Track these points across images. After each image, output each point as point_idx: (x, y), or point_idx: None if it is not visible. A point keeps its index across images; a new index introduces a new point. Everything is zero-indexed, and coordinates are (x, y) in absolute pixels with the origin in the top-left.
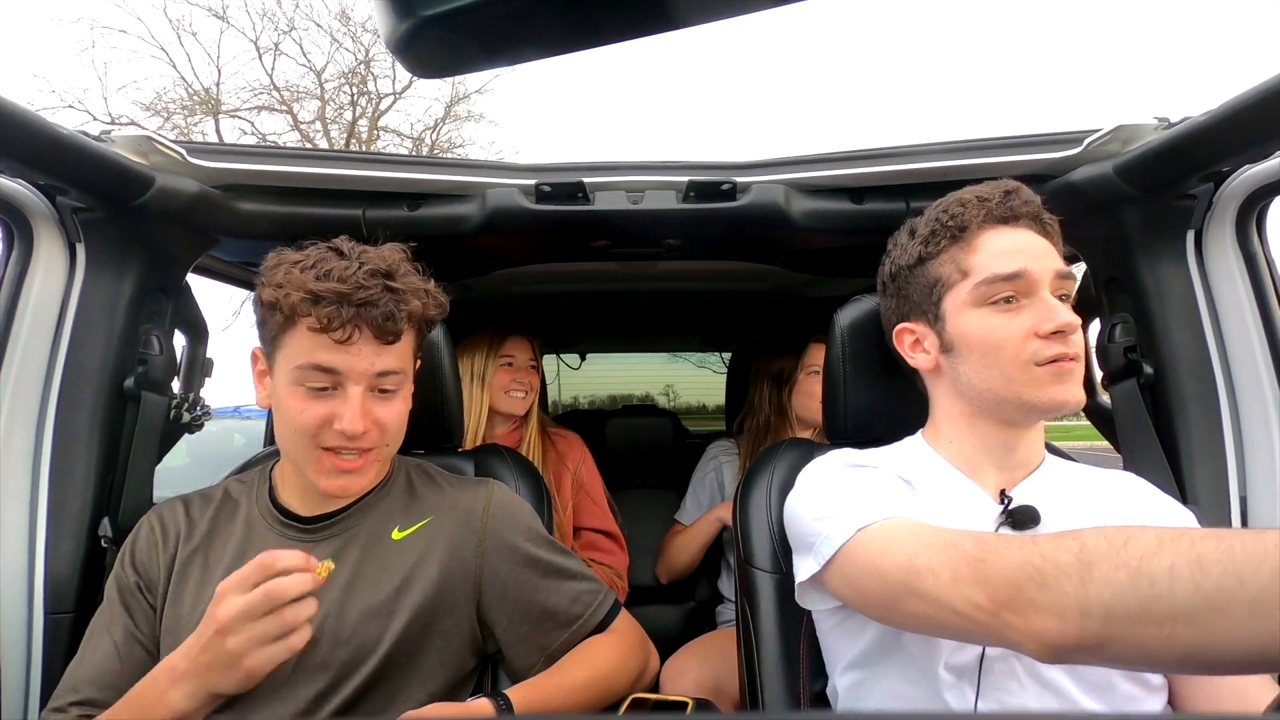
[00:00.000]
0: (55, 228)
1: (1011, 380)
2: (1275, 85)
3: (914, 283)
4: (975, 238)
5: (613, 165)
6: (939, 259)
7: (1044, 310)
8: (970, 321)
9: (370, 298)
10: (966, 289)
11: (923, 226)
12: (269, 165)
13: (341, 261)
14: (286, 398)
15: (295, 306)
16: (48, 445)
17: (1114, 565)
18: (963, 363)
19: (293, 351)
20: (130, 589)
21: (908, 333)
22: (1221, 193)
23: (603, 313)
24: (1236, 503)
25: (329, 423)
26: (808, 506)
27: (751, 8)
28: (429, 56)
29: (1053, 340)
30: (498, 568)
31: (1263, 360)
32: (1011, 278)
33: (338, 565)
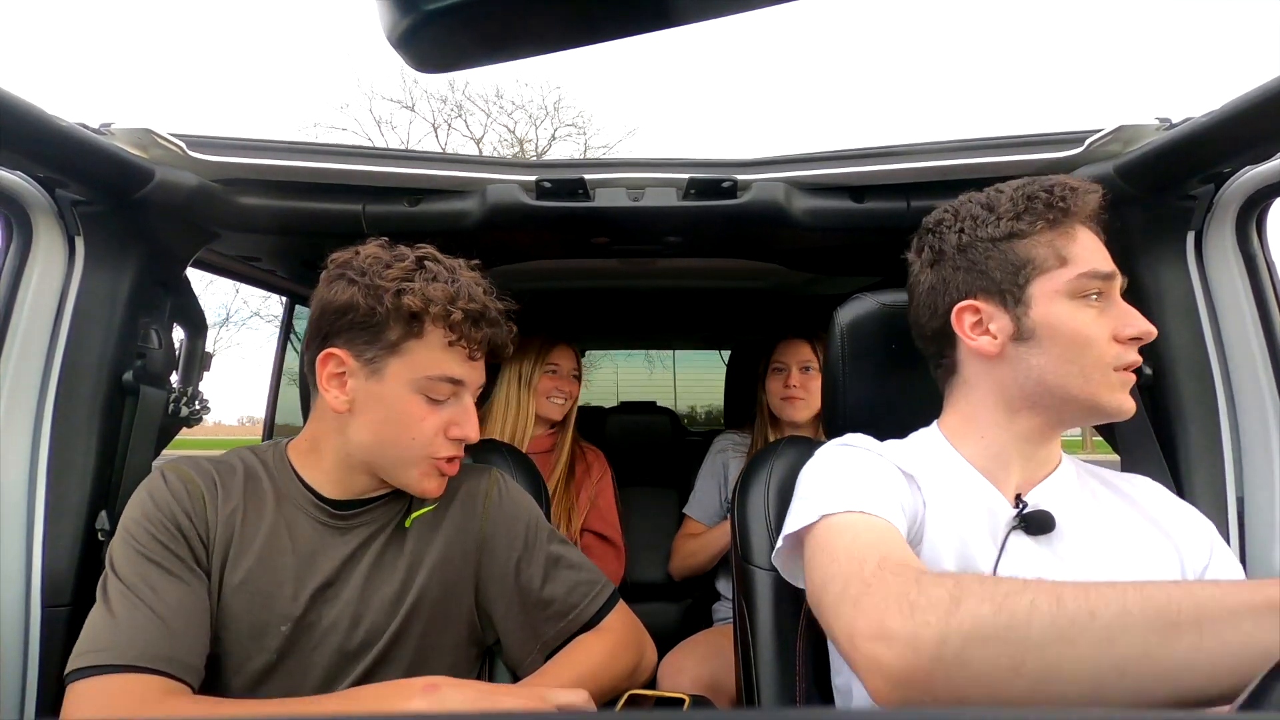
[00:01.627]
0: (54, 220)
1: (1090, 380)
2: (1277, 87)
3: (996, 258)
4: (1075, 228)
5: (613, 162)
6: (1033, 239)
7: (1126, 315)
8: (1062, 312)
9: (495, 319)
10: (1065, 278)
11: (1010, 203)
12: (269, 159)
13: (466, 275)
14: (402, 404)
15: (438, 318)
16: (46, 438)
17: (980, 599)
18: (1041, 354)
19: (421, 361)
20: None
21: (971, 311)
22: (1222, 194)
23: (603, 310)
24: (1234, 503)
25: (443, 430)
26: (803, 479)
27: (751, 5)
28: (429, 52)
29: (1130, 346)
30: (497, 553)
31: (1261, 362)
32: (1109, 276)
33: (362, 553)
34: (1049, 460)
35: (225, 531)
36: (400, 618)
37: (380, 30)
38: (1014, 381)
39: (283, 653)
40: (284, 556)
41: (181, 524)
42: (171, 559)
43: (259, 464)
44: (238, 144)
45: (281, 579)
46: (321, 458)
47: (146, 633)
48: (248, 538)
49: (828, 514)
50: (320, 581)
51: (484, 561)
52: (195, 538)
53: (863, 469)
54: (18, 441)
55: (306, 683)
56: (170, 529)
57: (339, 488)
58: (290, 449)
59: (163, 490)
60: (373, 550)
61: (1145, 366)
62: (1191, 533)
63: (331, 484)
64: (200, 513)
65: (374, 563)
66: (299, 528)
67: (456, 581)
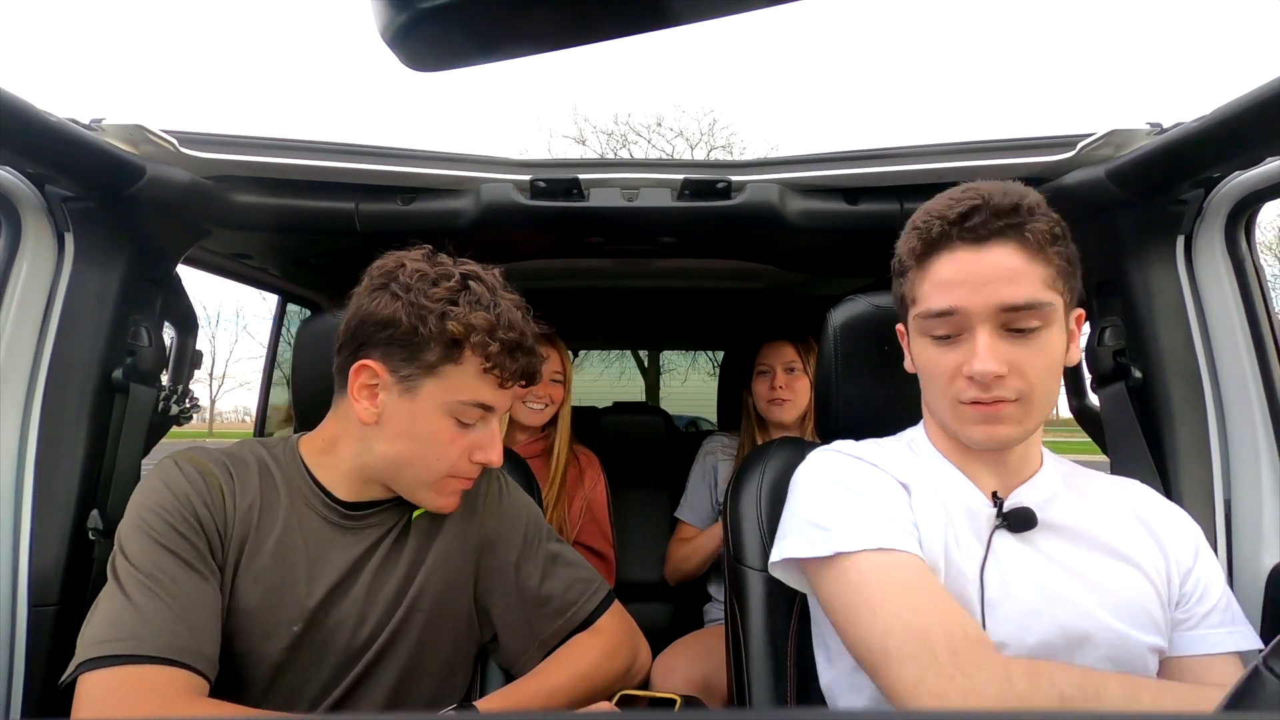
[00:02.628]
0: (43, 217)
1: (943, 410)
2: (1266, 92)
3: (898, 290)
4: (931, 262)
5: (608, 162)
6: (905, 277)
7: (969, 352)
8: (919, 348)
9: (530, 348)
10: (912, 317)
11: (907, 230)
12: (262, 157)
13: (506, 299)
14: (432, 425)
15: (477, 345)
16: (34, 436)
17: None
18: (922, 381)
19: (456, 385)
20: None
21: (902, 335)
22: (1212, 198)
23: (597, 310)
24: (1221, 505)
25: (469, 453)
26: (810, 499)
27: (746, 6)
28: (424, 50)
29: (971, 384)
30: (497, 551)
31: (1249, 365)
32: (944, 314)
33: (371, 553)
34: (1025, 463)
35: (242, 527)
36: (400, 615)
37: (374, 28)
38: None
39: (292, 651)
40: (297, 555)
41: (200, 515)
42: (189, 550)
43: (271, 459)
44: (230, 141)
45: (294, 578)
46: (338, 461)
47: (170, 624)
48: (263, 534)
49: (843, 551)
50: (332, 582)
51: (484, 559)
52: (213, 531)
53: (866, 489)
54: (5, 439)
55: (313, 681)
56: (190, 520)
57: (351, 491)
58: (303, 445)
59: (180, 480)
60: (380, 550)
61: (1134, 369)
62: (1178, 535)
63: (344, 486)
64: (219, 506)
65: (381, 562)
66: (311, 527)
67: (456, 579)
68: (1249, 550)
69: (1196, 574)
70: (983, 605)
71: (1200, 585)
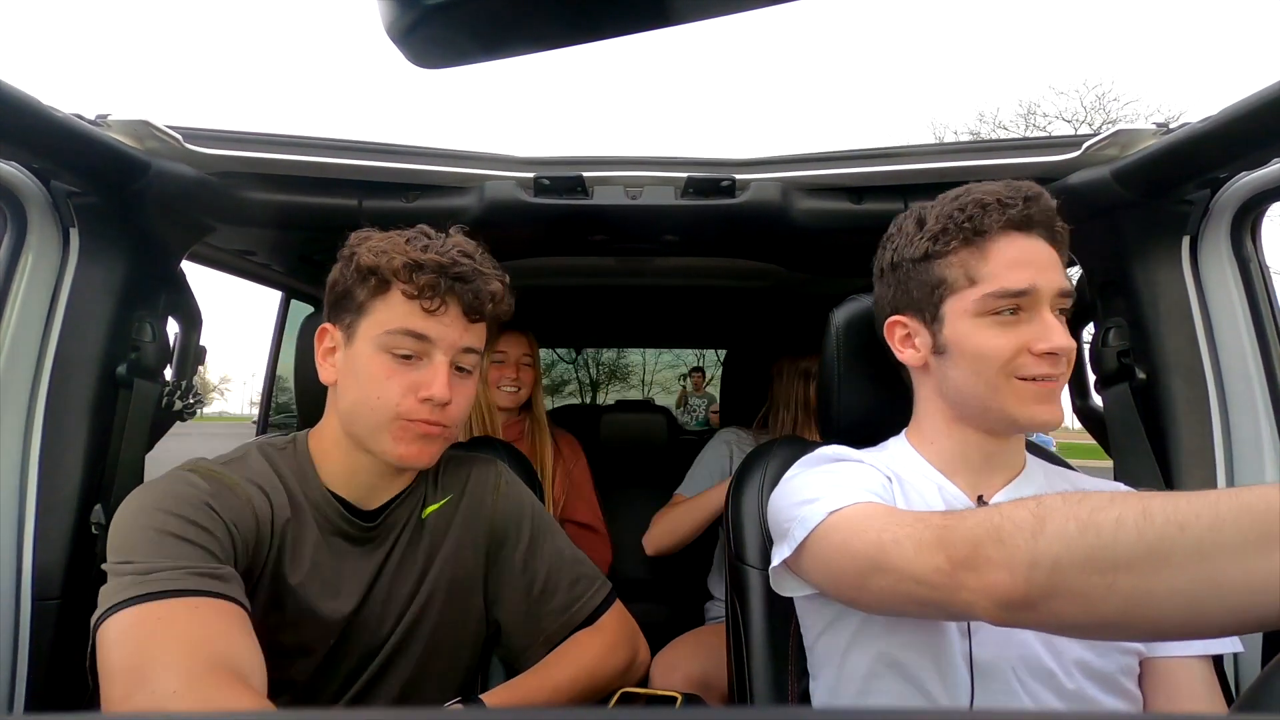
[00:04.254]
0: (49, 212)
1: (997, 390)
2: (1273, 93)
3: (916, 278)
4: (989, 243)
5: (612, 160)
6: (947, 260)
7: (1042, 329)
8: (969, 329)
9: (464, 273)
10: (973, 297)
11: (933, 220)
12: (266, 153)
13: (433, 240)
14: (369, 364)
15: (396, 271)
16: (38, 431)
17: (1065, 518)
18: (953, 367)
19: (384, 317)
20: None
21: (900, 326)
22: (1218, 199)
23: (600, 308)
24: None
25: (413, 391)
26: (787, 496)
27: (750, 5)
28: (429, 48)
29: (1043, 360)
30: (506, 544)
31: (1254, 366)
32: (1020, 294)
33: (391, 555)
34: (1010, 465)
35: (274, 545)
36: (414, 612)
37: (380, 25)
38: (941, 392)
39: (320, 669)
40: (324, 576)
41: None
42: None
43: (286, 469)
44: (235, 137)
45: (326, 598)
46: (334, 444)
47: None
48: (295, 555)
49: (836, 509)
50: (359, 596)
51: (493, 552)
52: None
53: (847, 473)
54: (10, 434)
55: (333, 680)
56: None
57: (354, 485)
58: (312, 445)
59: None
60: (397, 552)
61: (1139, 370)
62: None
63: (347, 482)
64: (246, 516)
65: (398, 564)
66: (335, 544)
67: (468, 573)
68: None
69: None
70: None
71: None
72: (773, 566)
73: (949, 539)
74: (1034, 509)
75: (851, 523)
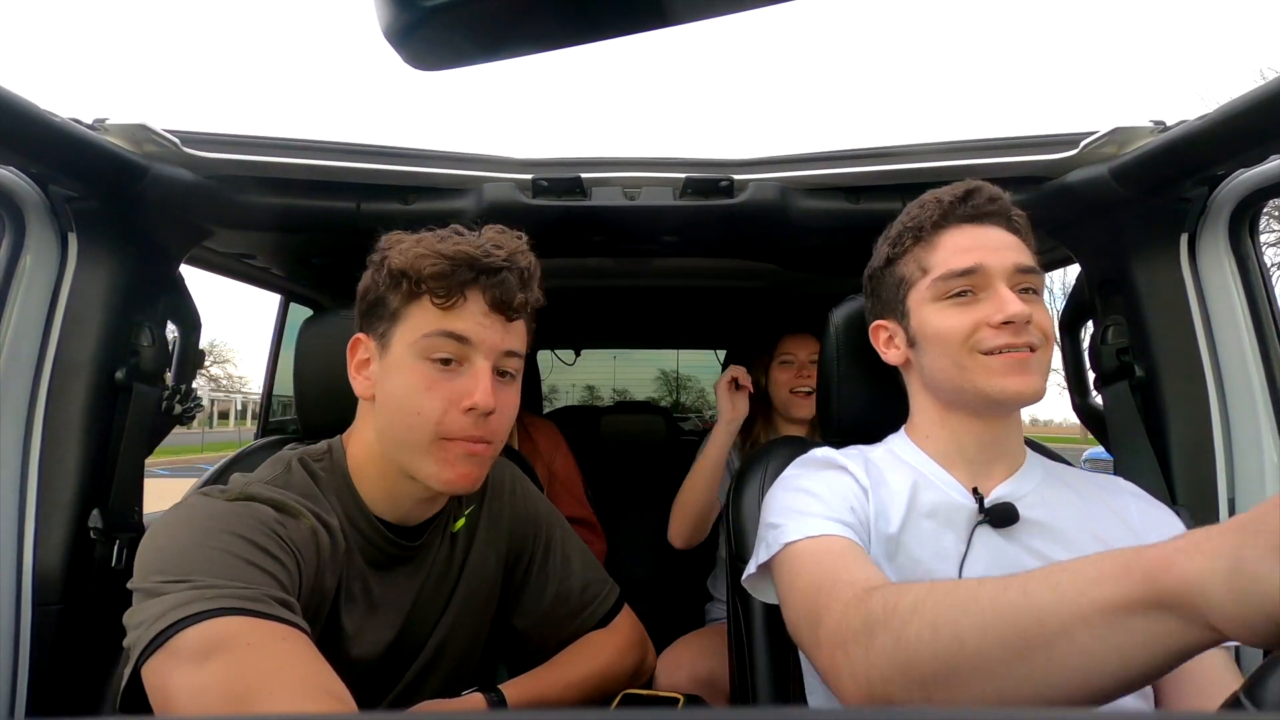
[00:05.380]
0: (47, 217)
1: (963, 368)
2: (1271, 90)
3: (884, 283)
4: (937, 237)
5: (610, 161)
6: (904, 259)
7: (996, 302)
8: (928, 315)
9: (494, 265)
10: (925, 284)
11: (894, 230)
12: (264, 157)
13: (467, 235)
14: (408, 375)
15: (425, 270)
16: (37, 436)
17: (885, 632)
18: (925, 355)
19: (419, 321)
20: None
21: (882, 330)
22: (1216, 196)
23: (599, 308)
24: (1225, 504)
25: (456, 402)
26: (766, 506)
27: (748, 5)
28: (427, 49)
29: (1001, 330)
30: (525, 547)
31: (1253, 363)
32: (966, 273)
33: (430, 576)
34: (1008, 457)
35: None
36: (449, 623)
37: (378, 27)
38: (924, 383)
39: (367, 688)
40: (376, 598)
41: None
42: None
43: (330, 489)
44: (233, 141)
45: (370, 624)
46: (371, 462)
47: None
48: (351, 585)
49: (788, 542)
50: (404, 619)
51: (511, 559)
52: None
53: (818, 487)
54: (9, 439)
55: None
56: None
57: (394, 506)
58: (349, 458)
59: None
60: (436, 568)
61: (1138, 368)
62: (1158, 528)
63: (387, 502)
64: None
65: (437, 581)
66: (378, 567)
67: (488, 581)
68: None
69: None
70: None
71: None
72: (745, 575)
73: (820, 638)
74: (865, 618)
75: (794, 565)
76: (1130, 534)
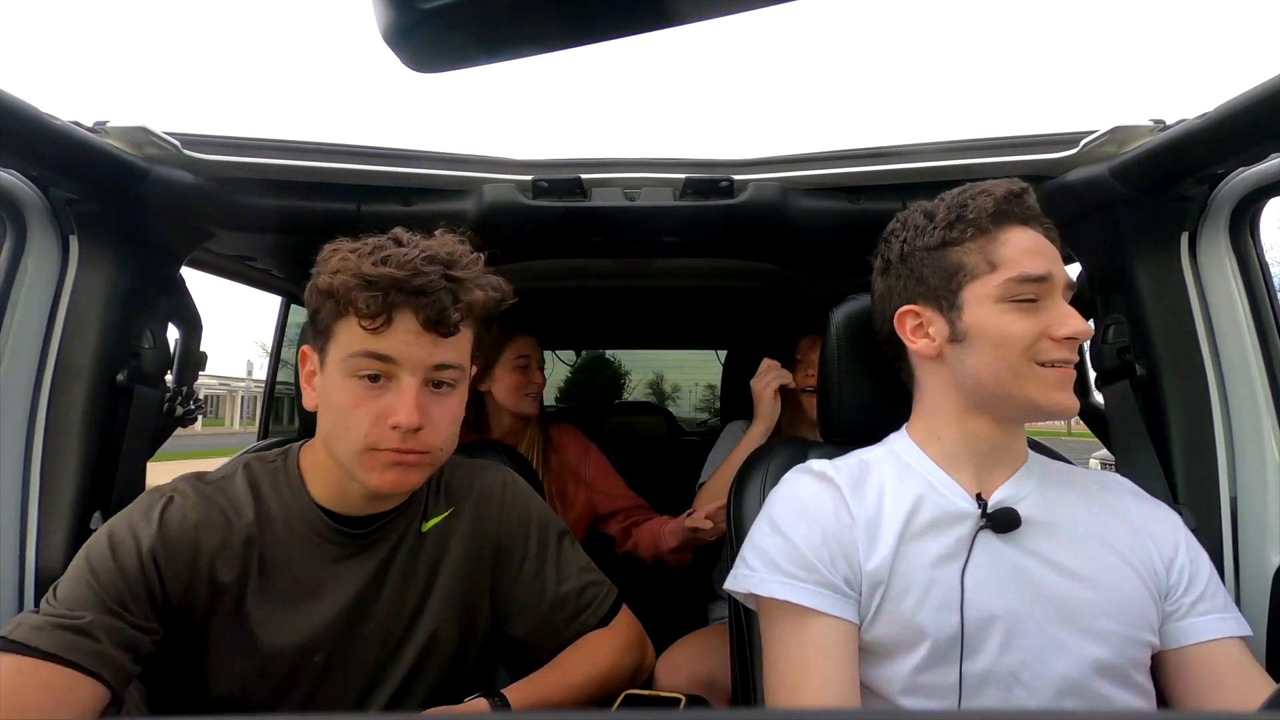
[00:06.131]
0: (48, 220)
1: (1019, 375)
2: (1271, 88)
3: (931, 266)
4: (1001, 232)
5: (610, 161)
6: (964, 247)
7: (1060, 315)
8: (990, 314)
9: (426, 286)
10: (995, 282)
11: (944, 212)
12: (264, 159)
13: (400, 249)
14: (338, 392)
15: (350, 293)
16: (39, 438)
17: None
18: (972, 354)
19: (346, 340)
20: (140, 576)
21: (912, 315)
22: (1216, 195)
23: (599, 309)
24: (1227, 503)
25: (383, 419)
26: (756, 523)
27: (748, 6)
28: (426, 51)
29: (1062, 345)
30: (515, 552)
31: (1255, 362)
32: (1040, 279)
33: (387, 567)
34: (1011, 459)
35: (239, 566)
36: (430, 625)
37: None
38: (956, 382)
39: (319, 681)
40: (306, 587)
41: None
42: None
43: (269, 482)
44: (233, 143)
45: (308, 612)
46: (324, 463)
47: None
48: (266, 570)
49: (770, 596)
50: (347, 609)
51: (501, 561)
52: (162, 579)
53: (797, 534)
54: (10, 442)
55: (341, 704)
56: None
57: (344, 501)
58: (303, 458)
59: (157, 519)
60: (397, 564)
61: (1139, 367)
62: (1160, 525)
63: (337, 498)
64: (187, 547)
65: (400, 576)
66: (318, 553)
67: (477, 583)
68: (1255, 548)
69: (1180, 563)
70: (962, 610)
71: (1185, 575)
72: (727, 584)
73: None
74: None
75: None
76: (1132, 532)
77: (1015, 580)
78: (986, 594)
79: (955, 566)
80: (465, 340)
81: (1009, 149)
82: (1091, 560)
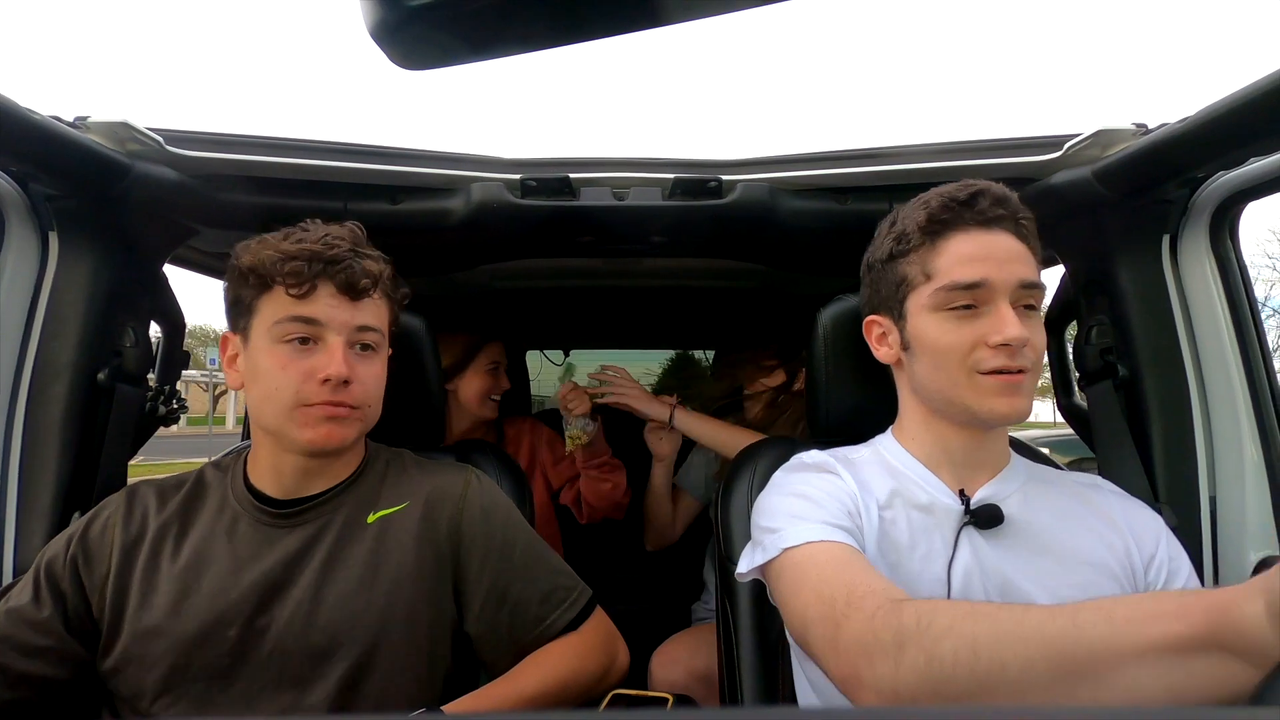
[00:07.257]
0: (27, 216)
1: (957, 384)
2: (1250, 94)
3: (884, 278)
4: (944, 240)
5: (598, 161)
6: (908, 258)
7: (996, 321)
8: (927, 324)
9: (339, 255)
10: (927, 292)
11: (900, 222)
12: (249, 155)
13: (308, 232)
14: (266, 357)
15: (274, 265)
16: (18, 437)
17: (917, 648)
18: (917, 362)
19: (272, 310)
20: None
21: (875, 325)
22: (1197, 198)
23: (587, 309)
24: (1206, 503)
25: (312, 376)
26: (759, 509)
27: (737, 6)
28: (414, 48)
29: (999, 352)
30: (474, 553)
31: (1234, 363)
32: (971, 287)
33: (313, 549)
34: (993, 460)
35: (132, 549)
36: (375, 621)
37: (364, 26)
38: (914, 387)
39: (236, 656)
40: (220, 562)
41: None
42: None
43: (217, 475)
44: (217, 139)
45: (219, 585)
46: (260, 445)
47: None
48: (180, 548)
49: (788, 547)
50: (263, 581)
51: (461, 561)
52: (81, 562)
53: (815, 493)
54: None
55: (267, 686)
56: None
57: (279, 480)
58: (249, 451)
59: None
60: (324, 547)
61: (1121, 367)
62: (1140, 525)
63: (272, 478)
64: (96, 539)
65: (326, 560)
66: (240, 531)
67: (434, 584)
68: (1234, 547)
69: (1159, 560)
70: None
71: (1164, 572)
72: (738, 572)
73: (840, 645)
74: (896, 629)
75: (798, 572)
76: (1115, 532)
77: (996, 578)
78: (973, 590)
79: (941, 560)
80: (381, 308)
81: (994, 151)
82: (1070, 558)
